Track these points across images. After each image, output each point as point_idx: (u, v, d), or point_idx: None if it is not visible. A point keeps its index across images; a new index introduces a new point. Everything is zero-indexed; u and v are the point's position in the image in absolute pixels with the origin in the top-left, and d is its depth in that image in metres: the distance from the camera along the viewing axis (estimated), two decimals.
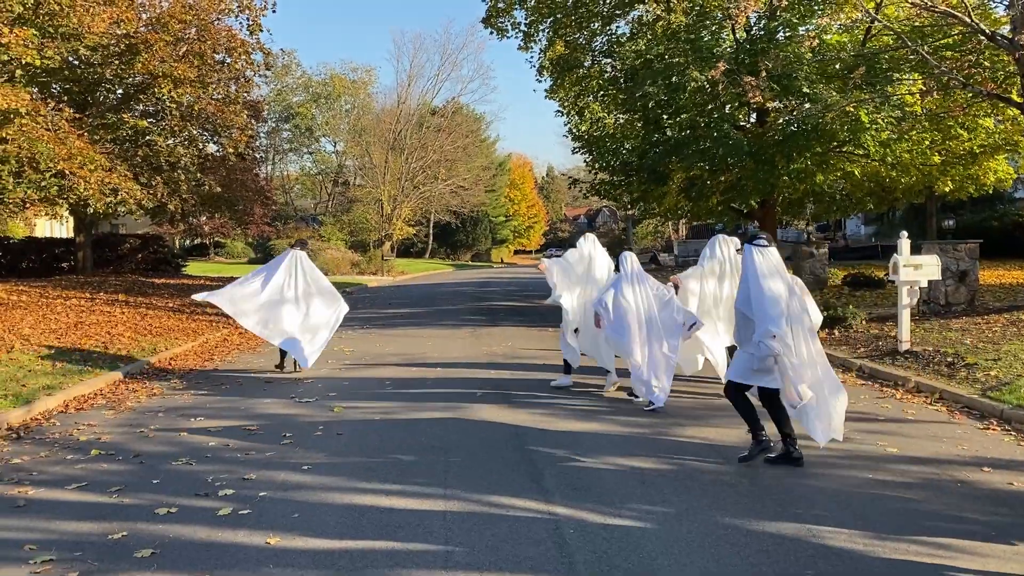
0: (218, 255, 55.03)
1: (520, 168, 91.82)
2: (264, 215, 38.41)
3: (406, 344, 13.49)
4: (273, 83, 67.66)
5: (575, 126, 23.75)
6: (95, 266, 28.44)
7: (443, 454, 6.37)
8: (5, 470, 6.29)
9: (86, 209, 16.29)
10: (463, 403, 8.31)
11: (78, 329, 13.81)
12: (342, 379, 10.10)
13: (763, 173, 17.14)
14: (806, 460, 6.02)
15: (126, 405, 8.83)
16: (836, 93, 15.98)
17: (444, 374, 10.21)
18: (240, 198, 25.93)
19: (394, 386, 9.48)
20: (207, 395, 9.34)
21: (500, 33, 22.98)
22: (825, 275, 18.86)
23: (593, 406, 8.06)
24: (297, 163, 76.90)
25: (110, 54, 16.29)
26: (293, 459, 6.35)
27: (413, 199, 55.29)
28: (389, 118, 55.82)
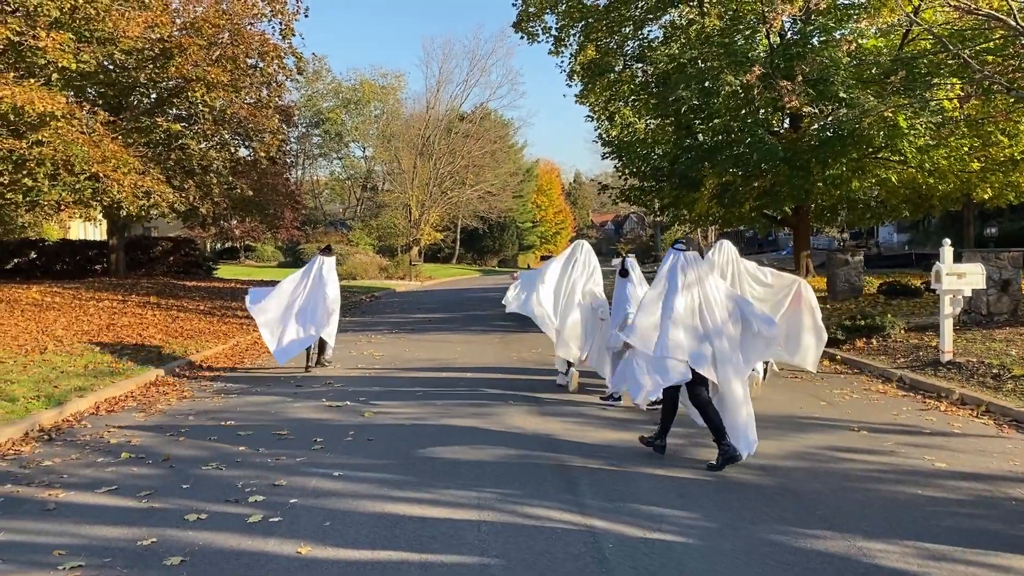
0: (248, 258, 55.48)
1: (547, 174, 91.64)
2: (294, 219, 38.60)
3: (435, 349, 13.40)
4: (304, 89, 68.26)
5: (605, 131, 23.61)
6: (127, 268, 28.73)
7: (476, 463, 6.25)
8: (36, 472, 6.27)
9: (119, 211, 16.41)
10: (494, 409, 8.19)
11: (110, 331, 13.89)
12: (372, 384, 10.02)
13: (798, 179, 16.88)
14: (853, 474, 5.82)
15: (156, 408, 8.81)
16: (873, 98, 15.70)
17: (474, 380, 10.09)
18: (271, 202, 26.06)
19: (424, 391, 9.37)
20: (237, 398, 9.30)
21: (531, 38, 22.90)
22: (860, 283, 18.49)
23: (626, 415, 7.89)
24: (327, 168, 77.43)
25: (144, 58, 16.43)
26: (324, 465, 6.26)
27: (441, 204, 55.36)
28: (418, 123, 55.98)
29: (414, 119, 58.70)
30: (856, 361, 11.17)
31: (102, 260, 28.07)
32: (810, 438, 6.87)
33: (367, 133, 73.00)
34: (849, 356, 11.51)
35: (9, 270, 27.36)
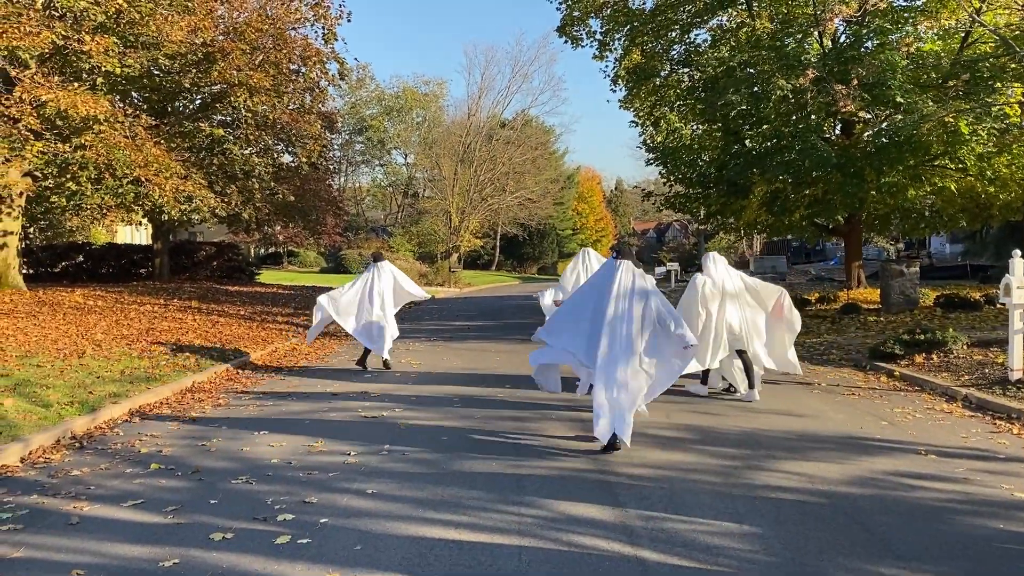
0: (291, 264, 55.87)
1: (588, 181, 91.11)
2: (336, 225, 38.75)
3: (474, 358, 13.10)
4: (347, 96, 68.79)
5: (650, 137, 23.18)
6: (171, 272, 28.99)
7: (516, 482, 5.91)
8: (64, 483, 6.07)
9: (161, 216, 16.42)
10: (535, 423, 7.84)
11: (149, 335, 13.83)
12: (409, 393, 9.74)
13: (851, 187, 16.30)
14: (926, 505, 5.36)
15: (190, 415, 8.62)
16: (932, 103, 15.09)
17: (514, 392, 9.75)
18: (313, 208, 26.09)
19: (462, 403, 9.06)
20: (272, 406, 9.08)
21: (575, 42, 22.60)
22: (916, 295, 17.78)
23: (676, 433, 7.49)
24: (368, 175, 77.95)
25: (188, 63, 16.45)
26: (357, 481, 5.97)
27: (481, 211, 55.24)
28: (459, 130, 56.00)
29: (455, 126, 58.77)
30: (915, 378, 10.61)
31: (147, 264, 28.35)
32: (875, 462, 6.41)
33: (409, 140, 73.36)
34: (908, 372, 10.94)
35: (57, 273, 27.76)
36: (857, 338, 14.94)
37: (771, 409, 8.49)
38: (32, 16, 13.47)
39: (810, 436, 7.28)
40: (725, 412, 8.34)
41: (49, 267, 28.13)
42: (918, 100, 15.05)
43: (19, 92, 12.96)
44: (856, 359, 12.56)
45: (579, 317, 7.00)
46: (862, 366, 11.96)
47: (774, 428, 7.60)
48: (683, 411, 8.40)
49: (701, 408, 8.56)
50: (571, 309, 7.28)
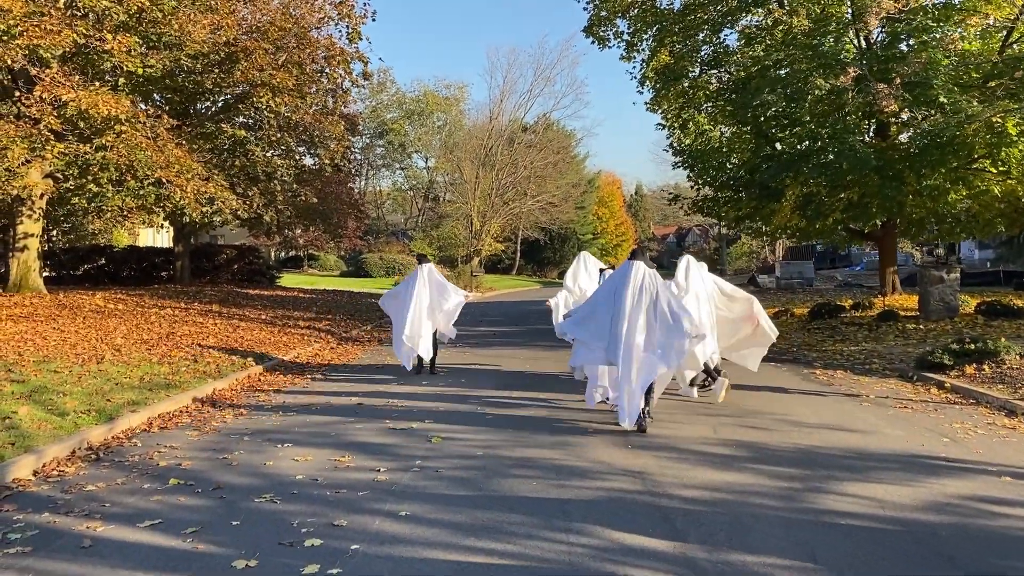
0: (311, 267, 55.78)
1: (609, 185, 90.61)
2: (357, 229, 38.53)
3: (503, 366, 12.68)
4: (368, 100, 68.73)
5: (677, 140, 22.69)
6: (192, 276, 28.83)
7: (560, 506, 5.47)
8: (78, 499, 5.72)
9: (182, 218, 16.14)
10: (574, 438, 7.40)
11: (169, 340, 13.53)
12: (438, 404, 9.33)
13: (890, 190, 15.74)
14: (1014, 535, 4.88)
15: (211, 426, 8.26)
16: (977, 103, 14.52)
17: (547, 402, 9.31)
18: (334, 211, 25.82)
19: (495, 414, 8.63)
20: (296, 416, 8.70)
21: (601, 43, 22.17)
22: (956, 302, 17.17)
23: (726, 450, 7.02)
24: (389, 178, 77.87)
25: (210, 63, 16.18)
26: (388, 502, 5.56)
27: (502, 215, 54.89)
28: (480, 134, 55.69)
29: (477, 129, 58.49)
30: (969, 390, 10.07)
31: (168, 267, 28.19)
32: (945, 484, 5.92)
33: (430, 144, 73.22)
34: (960, 384, 10.40)
35: (79, 276, 27.66)
36: (897, 347, 14.39)
37: (823, 424, 8.01)
38: (54, 15, 13.23)
39: (870, 454, 6.79)
40: (774, 427, 7.87)
41: (71, 270, 28.04)
42: (962, 100, 14.49)
43: (39, 91, 12.72)
44: (901, 369, 12.02)
45: (599, 310, 7.93)
46: (909, 376, 11.42)
47: (830, 445, 7.12)
48: (729, 425, 7.93)
49: (748, 422, 8.09)
50: (593, 303, 8.22)
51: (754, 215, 20.63)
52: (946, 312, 17.11)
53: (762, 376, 11.46)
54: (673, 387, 9.31)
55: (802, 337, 16.61)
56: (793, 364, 12.91)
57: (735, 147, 21.34)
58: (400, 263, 49.68)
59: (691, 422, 8.07)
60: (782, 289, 34.55)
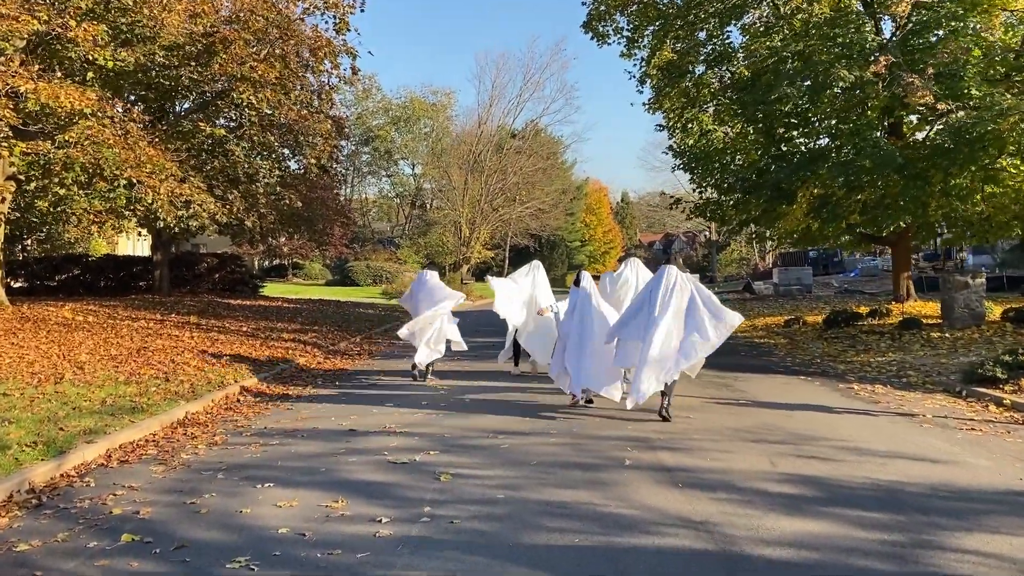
0: (296, 276, 54.47)
1: (596, 193, 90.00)
2: (343, 236, 37.31)
3: (507, 382, 11.53)
4: (354, 106, 67.58)
5: (680, 140, 21.68)
6: (172, 285, 27.60)
7: (615, 566, 4.34)
8: (3, 564, 4.55)
9: (156, 222, 14.91)
10: (610, 475, 6.26)
11: (140, 356, 12.32)
12: (441, 429, 8.17)
13: (914, 190, 14.74)
14: None
15: (180, 459, 7.09)
16: (1011, 96, 13.58)
17: (567, 428, 8.18)
18: (319, 217, 24.63)
19: (509, 443, 7.48)
20: (279, 446, 7.54)
21: (601, 39, 21.14)
22: (982, 309, 16.18)
23: (792, 487, 5.90)
24: (375, 186, 76.78)
25: (187, 55, 14.96)
26: (397, 567, 4.41)
27: (492, 222, 53.80)
28: (470, 139, 54.64)
29: (465, 135, 57.47)
30: None
31: (146, 277, 26.91)
32: None
33: (416, 150, 72.17)
34: (1019, 400, 9.36)
35: (54, 287, 26.31)
36: (927, 357, 13.37)
37: (891, 451, 6.92)
38: (13, 1, 12.02)
39: (965, 493, 5.69)
40: (838, 456, 6.77)
41: (45, 280, 26.69)
42: (994, 93, 13.53)
43: None
44: (944, 383, 10.97)
45: (641, 312, 8.50)
46: (957, 392, 10.37)
47: (912, 480, 6.02)
48: (786, 455, 6.82)
49: (805, 450, 6.98)
50: (637, 306, 8.71)
51: (763, 218, 19.60)
52: (971, 319, 16.12)
53: (797, 391, 10.41)
54: None
55: (821, 347, 15.58)
56: (823, 377, 11.84)
57: (740, 147, 20.32)
58: (387, 271, 48.44)
59: (740, 451, 6.96)
60: (781, 296, 33.57)
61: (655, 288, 8.45)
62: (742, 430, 7.81)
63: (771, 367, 13.04)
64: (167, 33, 14.02)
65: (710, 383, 11.12)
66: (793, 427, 7.97)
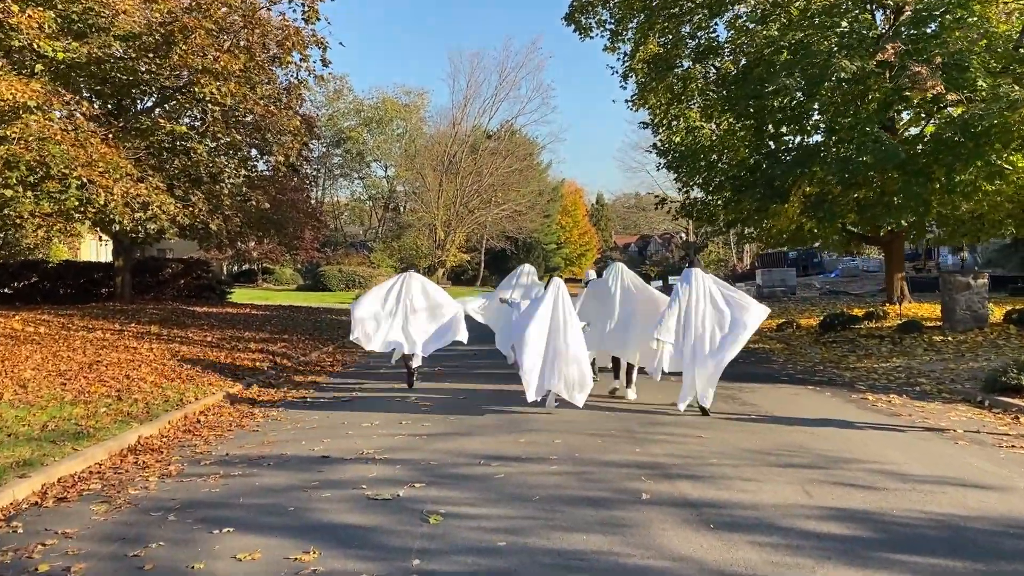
0: (266, 281, 53.18)
1: (572, 194, 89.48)
2: (314, 240, 36.24)
3: (496, 398, 10.63)
4: (325, 107, 66.38)
5: (666, 138, 20.94)
6: (135, 292, 26.47)
7: None
8: None
9: (111, 226, 13.84)
10: (626, 513, 5.40)
11: (92, 371, 11.29)
12: (426, 454, 7.28)
13: (917, 186, 14.09)
14: None
15: (127, 495, 6.15)
16: (1019, 88, 12.96)
17: (570, 450, 7.30)
18: (289, 220, 23.58)
19: (505, 471, 6.59)
20: (242, 478, 6.61)
21: (584, 32, 20.35)
22: (984, 311, 15.58)
23: (841, 526, 5.09)
24: (347, 188, 75.66)
25: (144, 46, 13.90)
26: None
27: (467, 224, 52.87)
28: (444, 140, 53.69)
29: (440, 135, 56.51)
30: None
31: (108, 283, 25.68)
32: None
33: (389, 152, 71.13)
34: None
35: (8, 295, 25.03)
36: (934, 363, 12.71)
37: (935, 476, 6.14)
38: None
39: None
40: (877, 482, 5.98)
41: (1, 288, 25.40)
42: (1001, 84, 12.90)
43: None
44: (962, 391, 10.28)
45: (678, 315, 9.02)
46: (978, 401, 9.67)
47: (971, 512, 5.24)
48: (820, 482, 6.01)
49: (839, 475, 6.18)
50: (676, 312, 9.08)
51: (753, 218, 18.89)
52: (973, 322, 15.52)
53: (810, 404, 9.65)
54: None
55: (820, 352, 14.89)
56: (832, 387, 11.10)
57: (728, 144, 19.61)
58: (360, 276, 47.34)
59: (767, 478, 6.14)
60: (765, 298, 32.96)
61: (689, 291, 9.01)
62: (763, 452, 7.00)
63: (774, 375, 12.29)
64: (122, 22, 12.99)
65: (715, 394, 10.32)
66: (818, 447, 7.17)
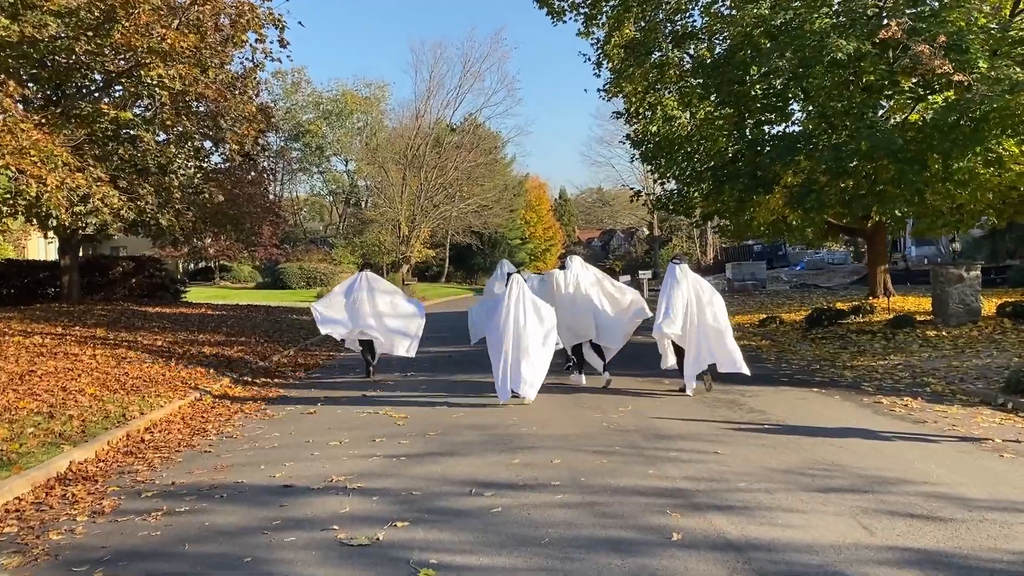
0: (224, 279, 51.57)
1: (536, 189, 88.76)
2: (273, 236, 34.92)
3: (478, 406, 9.67)
4: (283, 100, 64.71)
5: (643, 127, 20.12)
6: (84, 292, 25.03)
7: None
8: None
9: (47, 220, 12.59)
10: (657, 558, 4.46)
11: (24, 382, 10.09)
12: (407, 481, 6.28)
13: (913, 175, 13.41)
14: None
15: (48, 542, 5.09)
16: (1020, 69, 12.32)
17: (573, 474, 6.32)
18: (247, 215, 22.32)
19: (501, 502, 5.61)
20: (188, 515, 5.57)
21: (557, 16, 19.42)
22: (978, 304, 14.99)
23: (919, 573, 4.23)
24: (307, 183, 74.14)
25: (82, 24, 12.63)
26: None
27: (432, 219, 51.69)
28: (407, 133, 52.41)
29: (402, 128, 55.24)
30: None
31: (55, 283, 24.19)
32: None
33: (350, 146, 69.73)
34: None
35: None
36: (935, 360, 12.04)
37: (997, 500, 5.32)
38: None
39: None
40: (936, 510, 5.14)
41: None
42: (1002, 65, 12.25)
43: None
44: (979, 392, 9.56)
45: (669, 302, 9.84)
46: (1000, 403, 8.95)
47: None
48: (874, 512, 5.14)
49: (891, 503, 5.32)
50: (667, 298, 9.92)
51: (732, 209, 18.14)
52: (967, 316, 14.92)
53: (821, 409, 8.83)
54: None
55: (811, 349, 14.17)
56: (836, 388, 10.32)
57: (706, 134, 18.83)
58: (322, 273, 46.01)
59: (810, 507, 5.26)
60: (736, 292, 32.41)
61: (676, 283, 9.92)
62: (794, 472, 6.13)
63: (771, 376, 11.48)
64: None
65: (716, 399, 9.49)
66: (853, 464, 6.32)
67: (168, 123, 14.03)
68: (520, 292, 9.68)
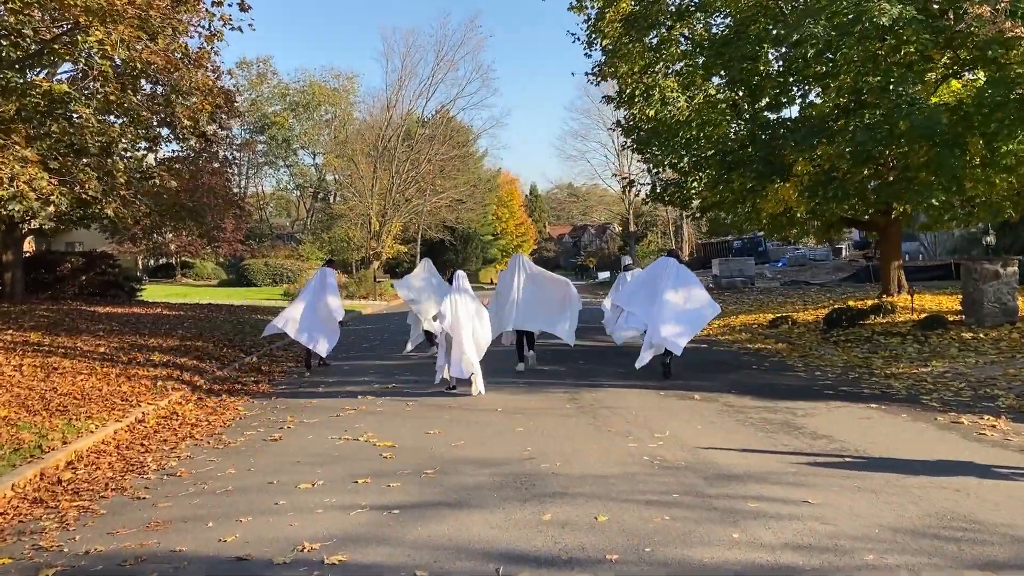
0: (186, 276, 49.39)
1: (508, 185, 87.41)
2: (237, 230, 32.98)
3: (479, 431, 8.01)
4: (248, 92, 62.47)
5: (639, 112, 18.59)
6: (30, 290, 23.12)
7: None
8: None
9: None
10: None
11: None
12: (403, 552, 4.62)
13: (954, 159, 12.03)
14: None
15: None
16: None
17: (630, 539, 4.71)
18: (208, 207, 20.46)
19: None
20: (121, 570, 3.92)
21: None
22: (1014, 304, 13.65)
23: None
24: (273, 177, 72.05)
25: None
26: None
27: (404, 213, 49.87)
28: (378, 124, 50.49)
29: (373, 121, 53.30)
30: None
31: None
32: None
33: (318, 139, 67.73)
34: None
35: None
36: (984, 367, 10.69)
37: None
38: None
39: None
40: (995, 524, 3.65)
41: None
42: None
43: None
44: None
45: (641, 291, 11.07)
46: None
47: None
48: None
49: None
50: (636, 288, 11.32)
51: (741, 199, 16.67)
52: (1003, 316, 13.60)
53: (896, 432, 7.26)
54: None
55: (837, 354, 12.73)
56: (893, 402, 8.84)
57: (708, 118, 17.34)
58: (289, 269, 44.06)
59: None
60: (725, 289, 31.09)
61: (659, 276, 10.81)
62: (922, 532, 4.58)
63: (811, 388, 9.97)
64: None
65: (762, 418, 7.97)
66: (987, 518, 4.80)
67: (112, 98, 12.21)
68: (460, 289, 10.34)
